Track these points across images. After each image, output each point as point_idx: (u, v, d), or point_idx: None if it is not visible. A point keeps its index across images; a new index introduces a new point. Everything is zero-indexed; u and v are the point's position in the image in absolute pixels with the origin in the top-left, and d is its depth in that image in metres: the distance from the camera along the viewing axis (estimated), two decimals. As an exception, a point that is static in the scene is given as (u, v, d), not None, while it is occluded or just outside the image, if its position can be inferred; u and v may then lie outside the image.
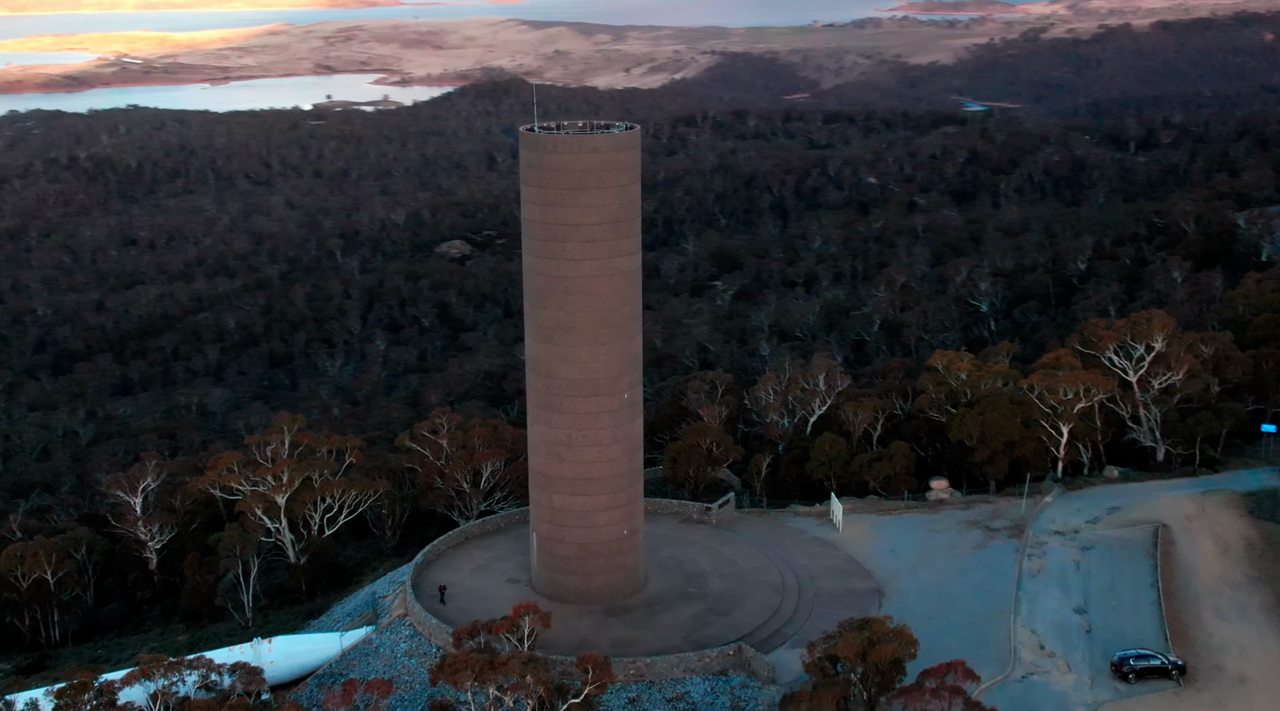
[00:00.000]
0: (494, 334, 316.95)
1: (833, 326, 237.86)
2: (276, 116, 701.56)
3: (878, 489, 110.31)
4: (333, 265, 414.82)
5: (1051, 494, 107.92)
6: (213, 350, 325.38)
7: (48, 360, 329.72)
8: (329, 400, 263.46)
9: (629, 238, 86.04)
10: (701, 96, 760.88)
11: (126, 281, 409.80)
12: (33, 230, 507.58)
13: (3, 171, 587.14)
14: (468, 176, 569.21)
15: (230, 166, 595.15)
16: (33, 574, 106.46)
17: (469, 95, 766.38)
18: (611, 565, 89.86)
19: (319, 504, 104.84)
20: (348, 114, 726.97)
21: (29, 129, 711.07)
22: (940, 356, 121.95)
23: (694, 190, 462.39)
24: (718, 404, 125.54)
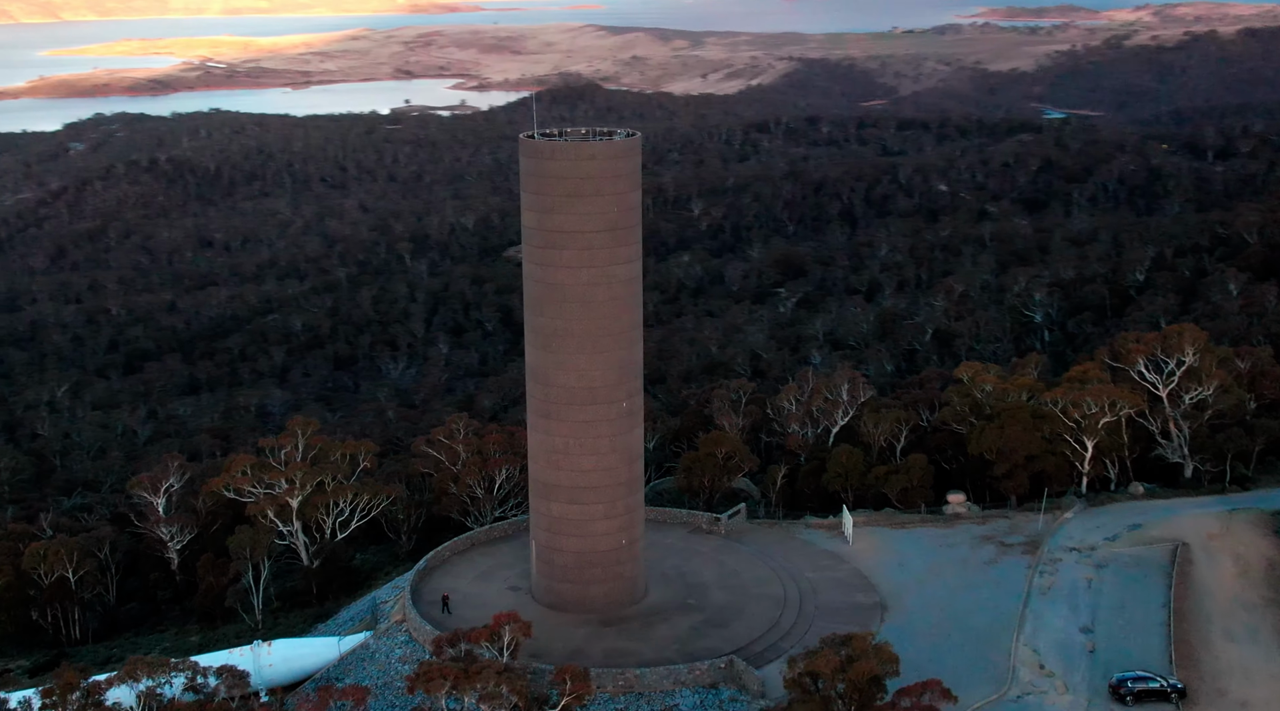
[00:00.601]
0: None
1: (886, 335, 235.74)
2: (354, 120, 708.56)
3: (894, 501, 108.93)
4: (401, 268, 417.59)
5: (1072, 510, 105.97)
6: (279, 351, 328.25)
7: (119, 359, 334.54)
8: (387, 402, 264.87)
9: (628, 246, 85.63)
10: (777, 103, 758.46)
11: (200, 283, 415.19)
12: (112, 231, 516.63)
13: (86, 173, 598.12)
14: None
15: (306, 170, 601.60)
16: (55, 572, 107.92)
17: (544, 100, 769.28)
18: (609, 574, 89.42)
19: (331, 507, 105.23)
20: (424, 118, 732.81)
21: (113, 132, 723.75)
22: (966, 368, 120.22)
23: (762, 197, 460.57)
24: (740, 413, 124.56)
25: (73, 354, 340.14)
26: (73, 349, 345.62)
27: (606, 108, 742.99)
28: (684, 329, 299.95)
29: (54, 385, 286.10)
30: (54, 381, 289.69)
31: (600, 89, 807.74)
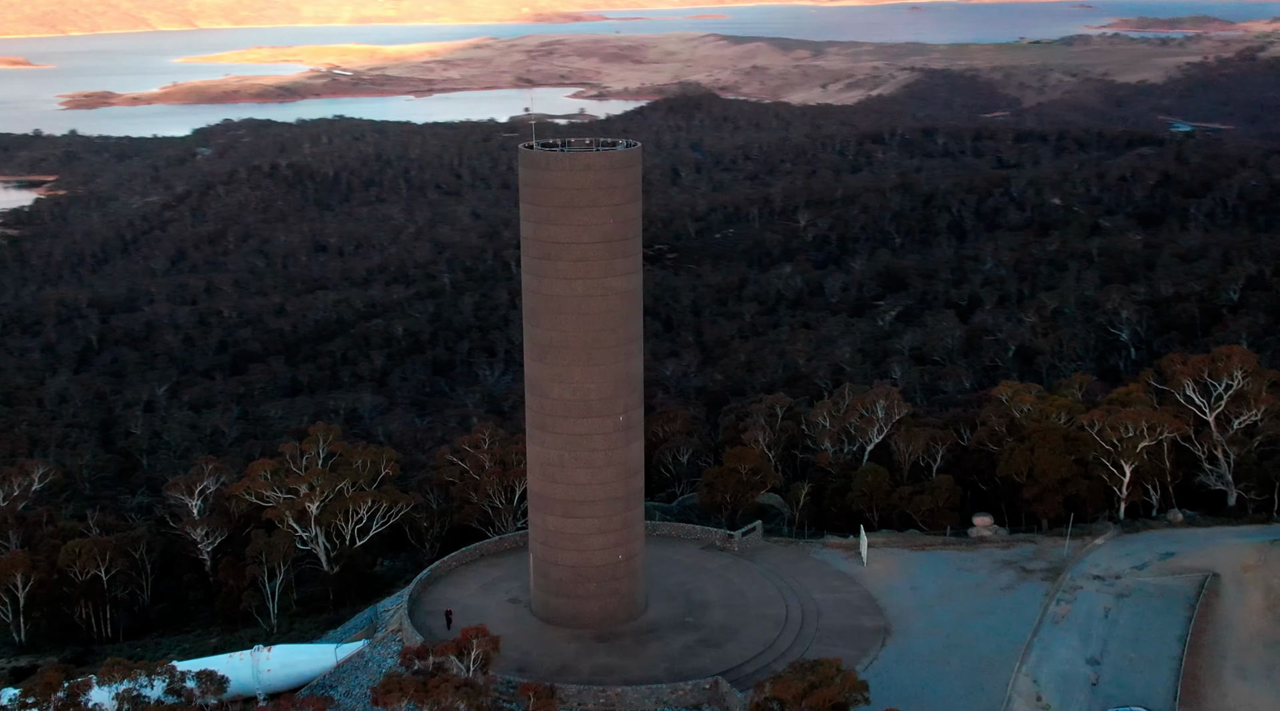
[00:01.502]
0: (650, 348, 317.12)
1: (970, 351, 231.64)
2: (471, 128, 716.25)
3: (919, 523, 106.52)
4: (506, 275, 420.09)
5: (1104, 536, 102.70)
6: (380, 356, 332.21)
7: (226, 360, 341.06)
8: (475, 408, 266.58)
9: (624, 258, 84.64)
10: (895, 113, 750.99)
11: (311, 286, 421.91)
12: (231, 235, 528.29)
13: (209, 178, 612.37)
14: (650, 190, 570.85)
15: (422, 177, 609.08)
16: (88, 570, 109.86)
17: (661, 109, 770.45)
18: (605, 590, 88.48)
19: (351, 514, 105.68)
20: (540, 126, 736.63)
21: (239, 137, 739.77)
22: (1005, 387, 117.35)
23: (870, 208, 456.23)
24: (776, 428, 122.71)
25: (183, 354, 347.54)
26: (183, 349, 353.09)
27: (722, 117, 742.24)
28: (777, 341, 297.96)
29: (154, 384, 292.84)
30: (155, 381, 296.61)
31: (716, 98, 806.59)
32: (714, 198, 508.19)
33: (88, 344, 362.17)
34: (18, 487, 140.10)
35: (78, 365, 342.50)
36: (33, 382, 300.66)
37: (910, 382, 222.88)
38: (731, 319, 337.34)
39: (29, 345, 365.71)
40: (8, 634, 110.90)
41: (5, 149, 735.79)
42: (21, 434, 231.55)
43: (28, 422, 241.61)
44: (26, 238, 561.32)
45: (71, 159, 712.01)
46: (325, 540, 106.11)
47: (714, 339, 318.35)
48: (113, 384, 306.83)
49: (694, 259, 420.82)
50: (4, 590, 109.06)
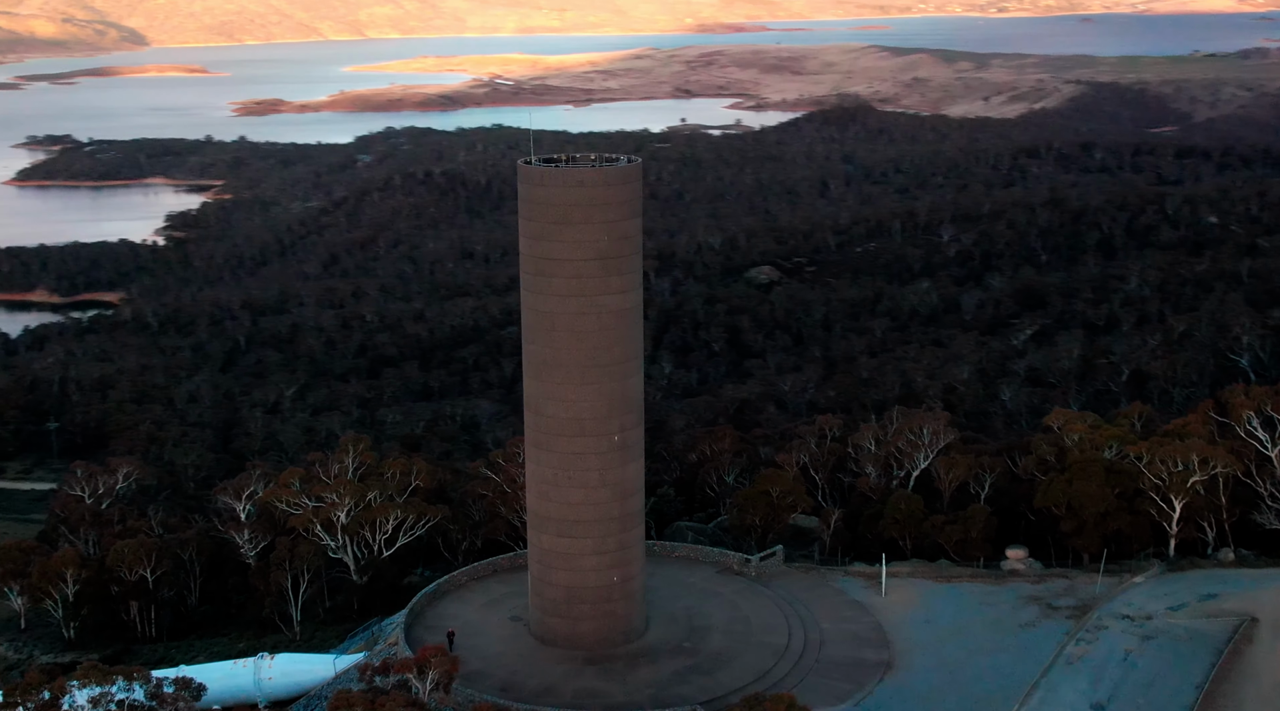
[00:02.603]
0: (776, 361, 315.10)
1: (1086, 373, 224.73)
2: (624, 138, 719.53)
3: (950, 553, 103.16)
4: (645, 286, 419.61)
5: (1145, 574, 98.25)
6: (510, 363, 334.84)
7: (364, 364, 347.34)
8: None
9: (620, 276, 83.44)
10: (1057, 127, 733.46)
11: (454, 292, 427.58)
12: (382, 240, 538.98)
13: (366, 184, 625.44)
14: (798, 202, 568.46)
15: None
16: (136, 570, 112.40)
17: (815, 121, 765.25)
18: (599, 612, 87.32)
19: (379, 525, 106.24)
20: (693, 137, 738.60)
21: (399, 145, 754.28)
22: (1058, 414, 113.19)
23: (1017, 224, 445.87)
24: (826, 450, 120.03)
25: (323, 357, 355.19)
26: (324, 352, 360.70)
27: (878, 129, 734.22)
28: (905, 358, 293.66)
29: (282, 386, 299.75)
30: (283, 383, 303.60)
31: (872, 110, 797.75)
32: (857, 211, 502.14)
33: (235, 345, 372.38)
34: (103, 486, 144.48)
35: (223, 365, 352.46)
36: (171, 382, 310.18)
37: (1018, 405, 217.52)
38: (862, 334, 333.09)
39: (180, 345, 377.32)
40: (57, 630, 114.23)
41: (177, 154, 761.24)
42: (142, 432, 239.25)
43: (151, 421, 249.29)
44: (191, 240, 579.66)
45: (239, 164, 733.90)
46: (354, 550, 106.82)
47: (840, 354, 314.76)
48: (247, 385, 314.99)
49: (832, 272, 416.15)
50: (55, 587, 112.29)
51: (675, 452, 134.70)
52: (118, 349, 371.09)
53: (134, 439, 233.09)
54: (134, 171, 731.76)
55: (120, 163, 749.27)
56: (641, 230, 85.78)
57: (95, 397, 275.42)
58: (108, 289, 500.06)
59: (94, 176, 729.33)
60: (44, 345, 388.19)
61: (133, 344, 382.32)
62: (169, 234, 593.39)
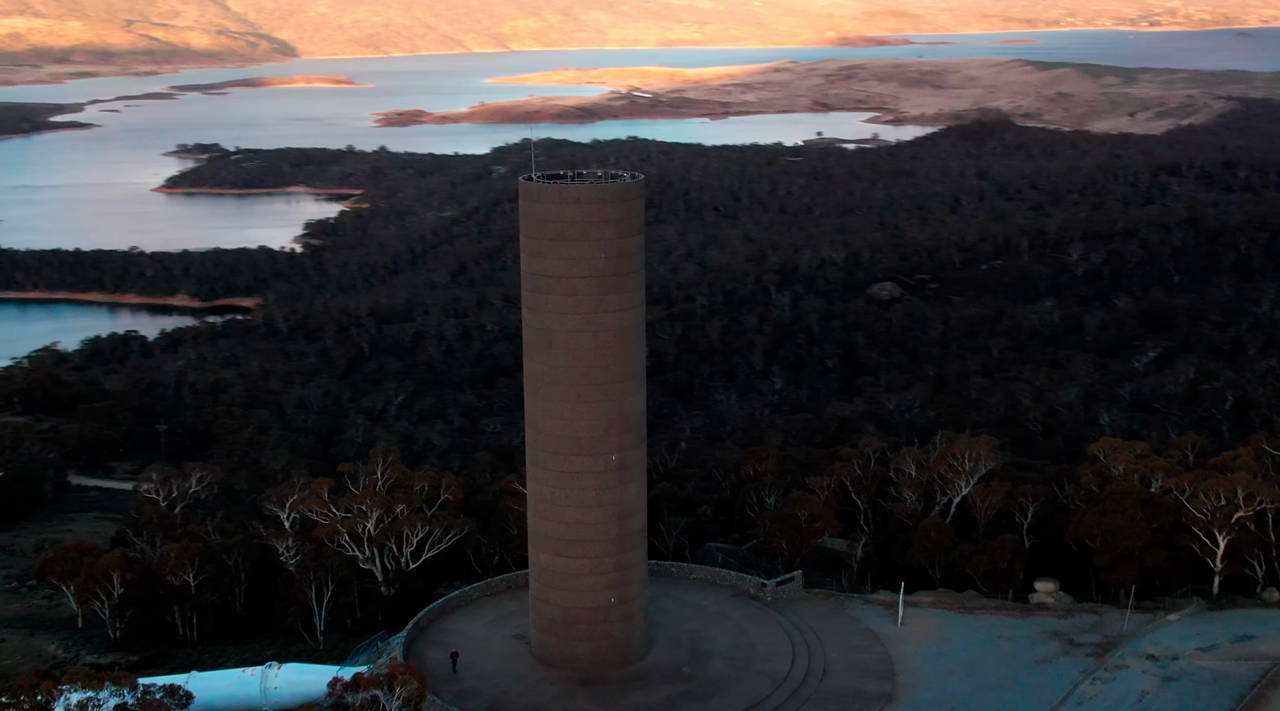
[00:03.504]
0: (888, 379, 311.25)
1: (1190, 400, 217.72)
2: (756, 151, 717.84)
3: (978, 583, 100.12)
4: (765, 300, 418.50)
5: (1181, 611, 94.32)
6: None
7: (480, 373, 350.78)
8: (694, 433, 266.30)
9: (619, 294, 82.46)
10: (1203, 144, 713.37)
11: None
12: (509, 250, 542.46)
13: (498, 195, 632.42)
14: (928, 218, 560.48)
15: (701, 198, 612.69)
16: (181, 575, 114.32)
17: (953, 136, 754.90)
18: (596, 633, 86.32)
19: (406, 537, 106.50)
20: (826, 150, 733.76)
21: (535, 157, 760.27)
22: (1104, 443, 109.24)
23: (1149, 243, 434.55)
24: (870, 473, 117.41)
25: (441, 365, 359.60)
26: (443, 360, 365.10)
27: (1015, 145, 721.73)
28: (1017, 378, 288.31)
29: (390, 393, 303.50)
30: (392, 390, 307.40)
31: (1011, 125, 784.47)
32: (985, 227, 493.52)
33: (359, 351, 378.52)
34: (176, 489, 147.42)
35: (345, 371, 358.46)
36: (284, 387, 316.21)
37: (1115, 430, 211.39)
38: (978, 354, 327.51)
39: (306, 350, 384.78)
40: (103, 630, 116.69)
41: (319, 163, 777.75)
42: (243, 436, 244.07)
43: (254, 425, 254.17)
44: (327, 248, 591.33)
45: (378, 174, 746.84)
46: (383, 562, 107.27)
47: (953, 374, 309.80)
48: (360, 391, 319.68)
49: (955, 290, 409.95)
50: (101, 588, 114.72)
51: (725, 471, 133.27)
52: (246, 353, 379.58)
53: (234, 443, 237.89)
54: (277, 180, 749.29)
55: (264, 171, 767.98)
56: (644, 248, 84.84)
57: (207, 401, 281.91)
58: (245, 294, 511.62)
59: (238, 184, 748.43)
60: (177, 348, 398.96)
61: (261, 349, 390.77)
62: (307, 241, 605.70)
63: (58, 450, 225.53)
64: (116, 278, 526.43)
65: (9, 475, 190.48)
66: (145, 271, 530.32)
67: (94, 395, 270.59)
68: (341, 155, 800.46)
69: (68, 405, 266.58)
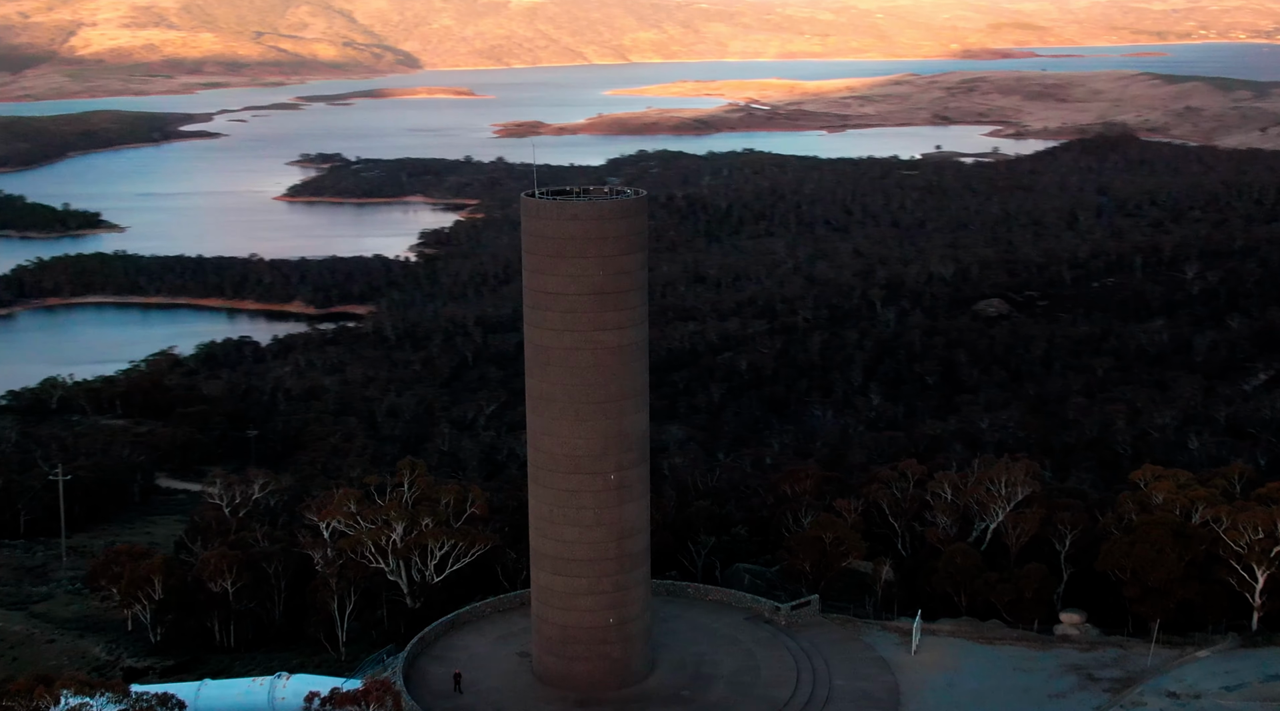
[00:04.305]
0: (987, 398, 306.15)
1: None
2: (871, 164, 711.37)
3: (1002, 613, 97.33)
4: (870, 315, 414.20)
5: (1212, 647, 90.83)
6: (719, 389, 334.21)
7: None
8: (782, 448, 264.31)
9: (617, 311, 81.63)
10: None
11: (681, 316, 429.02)
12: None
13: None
14: (1043, 234, 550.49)
15: (813, 211, 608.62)
16: (220, 582, 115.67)
17: (1074, 150, 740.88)
18: (594, 653, 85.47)
19: (431, 550, 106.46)
20: (941, 164, 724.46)
21: (648, 168, 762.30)
22: (1146, 471, 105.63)
23: (1270, 262, 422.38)
24: (908, 496, 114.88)
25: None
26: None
27: (1138, 160, 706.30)
28: (1118, 399, 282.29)
29: (482, 403, 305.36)
30: (485, 399, 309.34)
31: (1134, 140, 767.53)
32: (1100, 244, 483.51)
33: (463, 360, 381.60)
34: (239, 495, 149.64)
35: (448, 379, 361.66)
36: (380, 395, 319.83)
37: (1204, 455, 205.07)
38: (1081, 373, 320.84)
39: (411, 358, 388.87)
40: (144, 633, 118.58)
41: (436, 173, 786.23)
42: (327, 444, 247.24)
43: (341, 433, 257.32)
44: (441, 257, 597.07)
45: (493, 184, 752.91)
46: (409, 575, 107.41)
47: (1054, 393, 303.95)
48: (457, 399, 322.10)
49: (1065, 307, 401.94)
50: (143, 592, 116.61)
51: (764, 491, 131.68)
52: (352, 360, 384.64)
53: (319, 450, 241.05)
54: (395, 189, 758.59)
55: (383, 181, 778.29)
56: (645, 265, 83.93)
57: (300, 407, 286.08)
58: (359, 302, 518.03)
59: (358, 194, 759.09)
60: (288, 354, 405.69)
61: (367, 356, 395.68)
62: (421, 250, 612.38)
63: (148, 453, 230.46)
64: (236, 284, 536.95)
65: (92, 476, 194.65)
66: (263, 278, 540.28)
67: (191, 400, 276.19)
68: (459, 166, 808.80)
69: (166, 409, 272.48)
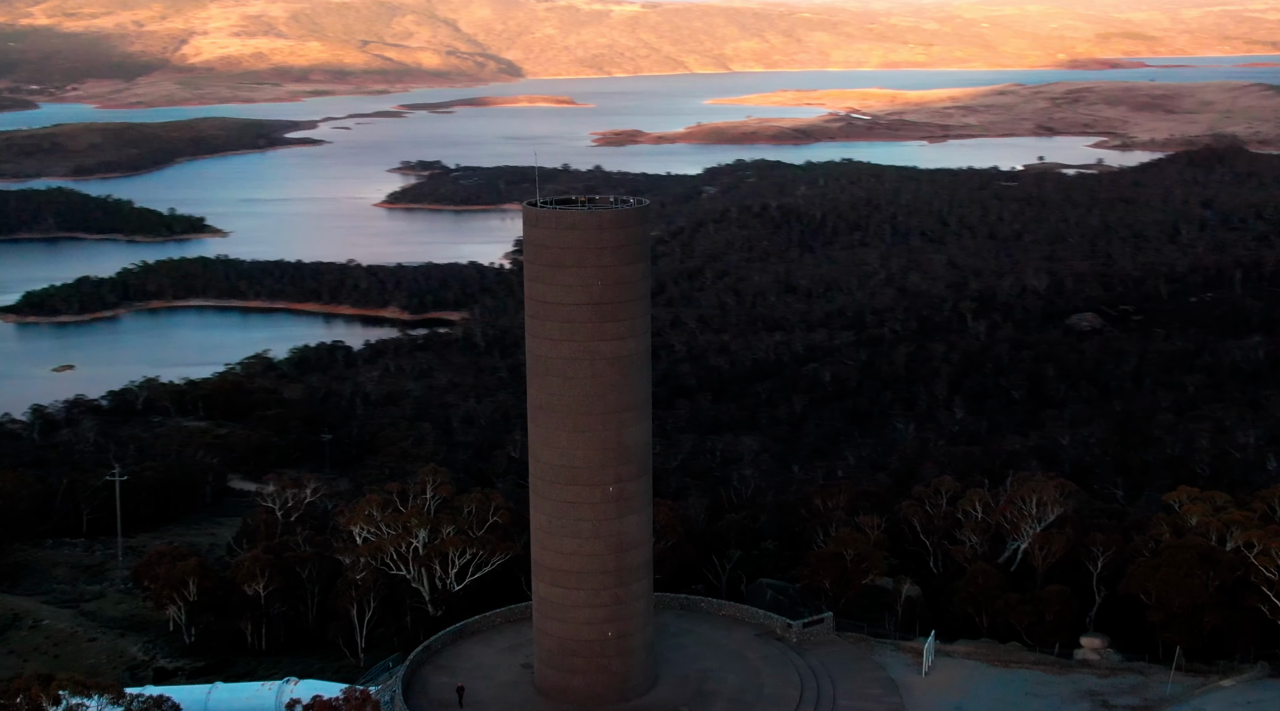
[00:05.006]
0: (1073, 413, 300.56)
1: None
2: (971, 175, 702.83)
3: (1023, 635, 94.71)
4: (960, 327, 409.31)
5: (1238, 676, 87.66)
6: (801, 400, 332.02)
7: (662, 394, 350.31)
8: (855, 461, 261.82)
9: (616, 322, 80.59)
10: None
11: (769, 326, 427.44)
12: (709, 271, 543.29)
13: (703, 216, 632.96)
14: (1142, 247, 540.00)
15: (908, 222, 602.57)
16: (252, 585, 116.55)
17: (1179, 162, 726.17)
18: (592, 666, 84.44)
19: (452, 558, 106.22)
20: (1042, 176, 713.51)
21: (745, 177, 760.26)
22: (1181, 492, 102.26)
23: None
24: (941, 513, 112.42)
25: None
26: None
27: (1247, 173, 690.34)
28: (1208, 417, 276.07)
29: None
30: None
31: (1244, 152, 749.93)
32: (1200, 258, 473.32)
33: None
34: (291, 499, 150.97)
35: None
36: (463, 400, 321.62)
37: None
38: (1171, 390, 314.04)
39: (498, 365, 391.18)
40: (180, 634, 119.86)
41: (534, 181, 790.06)
42: (398, 449, 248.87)
43: (414, 438, 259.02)
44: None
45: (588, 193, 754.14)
46: (432, 582, 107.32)
47: (1141, 410, 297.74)
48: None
49: (1160, 322, 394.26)
50: (178, 594, 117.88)
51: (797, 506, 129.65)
52: (441, 366, 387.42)
53: (389, 454, 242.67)
54: (492, 197, 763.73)
55: (481, 188, 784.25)
56: (647, 276, 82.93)
57: (377, 413, 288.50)
58: (453, 308, 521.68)
59: (456, 201, 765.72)
60: (377, 359, 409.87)
61: (456, 362, 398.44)
62: (515, 258, 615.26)
63: (222, 455, 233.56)
64: (333, 289, 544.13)
65: (159, 477, 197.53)
66: (360, 284, 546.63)
67: (270, 403, 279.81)
68: (557, 174, 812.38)
69: (246, 412, 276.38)
